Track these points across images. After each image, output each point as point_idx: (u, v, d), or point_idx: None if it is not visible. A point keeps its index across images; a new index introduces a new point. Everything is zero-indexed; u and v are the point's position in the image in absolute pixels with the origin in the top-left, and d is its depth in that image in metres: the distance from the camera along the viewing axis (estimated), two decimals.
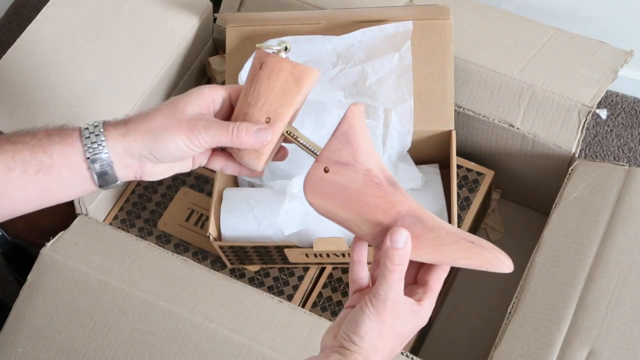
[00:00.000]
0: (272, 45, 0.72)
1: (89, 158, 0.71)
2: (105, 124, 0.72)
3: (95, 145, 0.71)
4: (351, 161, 0.68)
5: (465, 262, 0.69)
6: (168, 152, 0.71)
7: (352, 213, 0.69)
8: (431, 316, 1.11)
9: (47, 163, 0.71)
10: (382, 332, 0.67)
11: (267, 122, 0.72)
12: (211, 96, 0.73)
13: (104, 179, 0.72)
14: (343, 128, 0.68)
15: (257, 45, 0.73)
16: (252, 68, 0.73)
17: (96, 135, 0.71)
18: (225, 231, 1.06)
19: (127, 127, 0.72)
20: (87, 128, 0.72)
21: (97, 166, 0.71)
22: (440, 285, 0.71)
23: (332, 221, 0.71)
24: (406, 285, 0.69)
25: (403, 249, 0.67)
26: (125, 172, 0.73)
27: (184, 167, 0.76)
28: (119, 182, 0.73)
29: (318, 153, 0.70)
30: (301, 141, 0.73)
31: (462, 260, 0.69)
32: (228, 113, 0.76)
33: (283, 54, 0.72)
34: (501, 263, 0.68)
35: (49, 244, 1.02)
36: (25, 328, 0.99)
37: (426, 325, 1.09)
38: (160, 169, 0.74)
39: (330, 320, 0.99)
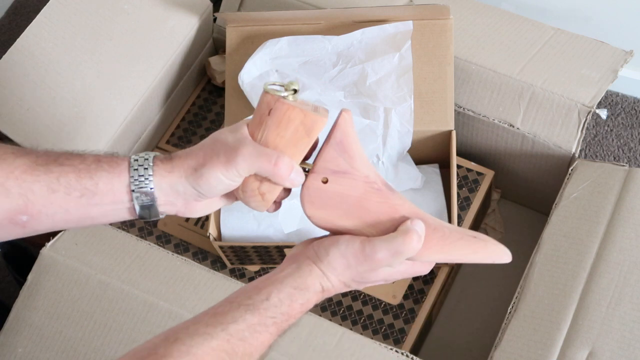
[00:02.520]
0: (280, 89, 0.67)
1: (133, 190, 0.70)
2: (155, 158, 0.71)
3: (142, 179, 0.70)
4: (349, 169, 0.68)
5: (473, 257, 0.69)
6: (210, 187, 0.69)
7: (355, 221, 0.69)
8: (431, 316, 1.11)
9: (91, 189, 0.70)
10: (349, 267, 0.68)
11: None
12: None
13: (145, 212, 0.71)
14: (337, 136, 0.67)
15: (265, 87, 0.68)
16: (258, 111, 0.69)
17: (145, 168, 0.70)
18: (225, 231, 1.06)
19: (173, 164, 0.70)
20: (137, 160, 0.71)
21: (140, 200, 0.70)
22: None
23: (331, 232, 0.70)
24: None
25: (420, 236, 0.67)
26: (168, 208, 0.72)
27: (227, 201, 0.75)
28: (160, 217, 0.72)
29: (306, 169, 0.69)
30: None
31: (470, 255, 0.69)
32: None
33: (291, 98, 0.67)
34: (503, 254, 0.69)
35: (49, 244, 1.02)
36: (25, 328, 0.99)
37: (426, 325, 1.09)
38: (203, 205, 0.73)
39: (330, 320, 0.99)
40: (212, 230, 1.05)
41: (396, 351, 0.91)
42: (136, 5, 1.14)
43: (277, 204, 0.73)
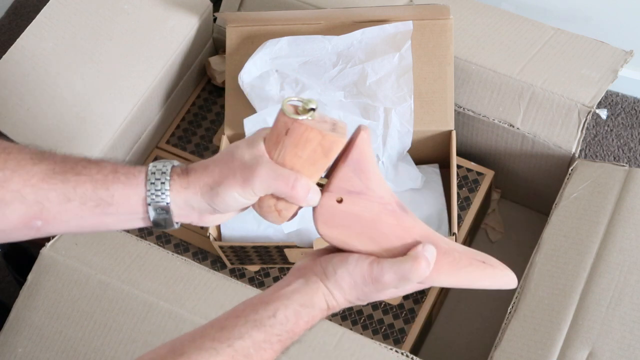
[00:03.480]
0: (297, 106, 0.66)
1: (149, 204, 0.70)
2: (172, 172, 0.70)
3: (159, 193, 0.69)
4: (364, 190, 0.66)
5: (481, 283, 0.69)
6: (227, 205, 0.69)
7: (368, 242, 0.68)
8: (431, 316, 1.11)
9: (107, 200, 0.70)
10: (355, 286, 0.67)
11: None
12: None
13: (160, 223, 0.71)
14: (355, 156, 0.66)
15: (283, 105, 0.66)
16: (275, 129, 0.67)
17: (162, 182, 0.69)
18: (225, 231, 1.06)
19: (189, 179, 0.70)
20: (154, 173, 0.70)
21: (155, 213, 0.70)
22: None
23: (341, 249, 0.69)
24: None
25: (429, 262, 0.66)
26: (183, 219, 0.72)
27: (241, 211, 0.74)
28: (175, 227, 0.72)
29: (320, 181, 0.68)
30: None
31: (478, 282, 0.69)
32: None
33: (309, 117, 0.65)
34: (510, 280, 0.69)
35: (49, 244, 1.02)
36: (25, 328, 0.99)
37: (426, 325, 1.09)
38: (217, 216, 0.73)
39: (330, 320, 0.99)
40: (212, 230, 1.05)
41: (396, 351, 0.91)
42: (136, 5, 1.14)
43: (293, 216, 0.72)
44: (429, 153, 1.13)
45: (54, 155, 0.72)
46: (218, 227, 1.07)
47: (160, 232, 1.14)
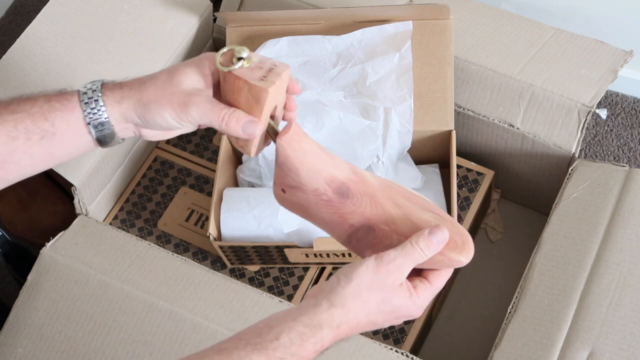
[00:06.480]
0: (239, 54, 0.71)
1: (89, 123, 0.73)
2: (104, 88, 0.73)
3: (95, 111, 0.73)
4: (298, 184, 0.71)
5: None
6: (157, 124, 0.73)
7: (317, 224, 0.73)
8: (431, 316, 1.11)
9: (49, 130, 0.72)
10: (372, 285, 0.65)
11: None
12: (210, 68, 0.74)
13: (105, 141, 0.74)
14: (279, 161, 0.71)
15: (216, 56, 0.72)
16: (216, 76, 0.74)
17: (95, 100, 0.73)
18: (225, 231, 1.06)
19: (122, 93, 0.73)
20: (86, 93, 0.73)
21: (97, 130, 0.73)
22: (441, 285, 0.71)
23: None
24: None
25: (435, 245, 0.68)
26: (125, 132, 0.75)
27: (187, 129, 0.77)
28: (120, 142, 0.76)
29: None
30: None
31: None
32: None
33: (245, 64, 0.71)
34: (453, 262, 0.70)
35: (49, 244, 1.02)
36: (25, 328, 0.99)
37: (426, 325, 1.09)
38: (157, 132, 0.76)
39: None
40: (212, 230, 1.05)
41: (396, 351, 0.91)
42: (136, 5, 1.14)
43: (266, 143, 0.76)
44: (429, 153, 1.13)
45: None
46: (218, 227, 1.07)
47: (160, 232, 1.14)
